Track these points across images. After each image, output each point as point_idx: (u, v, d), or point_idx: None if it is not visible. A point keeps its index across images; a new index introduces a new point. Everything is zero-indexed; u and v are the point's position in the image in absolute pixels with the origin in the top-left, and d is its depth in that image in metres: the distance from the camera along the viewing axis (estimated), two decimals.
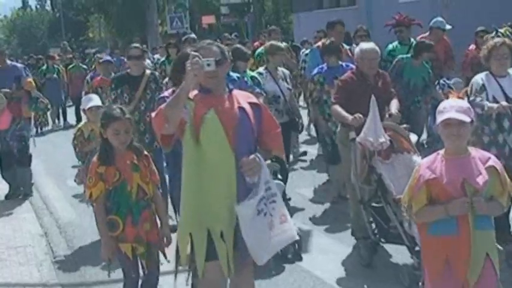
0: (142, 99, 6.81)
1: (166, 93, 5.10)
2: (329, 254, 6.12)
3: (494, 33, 9.18)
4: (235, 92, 4.05)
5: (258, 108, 4.02)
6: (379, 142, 5.29)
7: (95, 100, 6.59)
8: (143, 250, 4.38)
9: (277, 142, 4.12)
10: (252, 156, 3.84)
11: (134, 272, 4.43)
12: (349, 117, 5.70)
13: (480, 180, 3.47)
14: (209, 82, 3.86)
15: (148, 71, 7.14)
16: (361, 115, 5.54)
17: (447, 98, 8.09)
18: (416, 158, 5.31)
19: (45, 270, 6.03)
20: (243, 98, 4.00)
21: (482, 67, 5.95)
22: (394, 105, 6.02)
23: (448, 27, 9.63)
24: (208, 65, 3.68)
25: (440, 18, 9.81)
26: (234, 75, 6.50)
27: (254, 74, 7.39)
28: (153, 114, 3.82)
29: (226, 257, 3.83)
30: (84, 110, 6.60)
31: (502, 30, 9.04)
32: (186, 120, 3.78)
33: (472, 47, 10.58)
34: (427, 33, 9.59)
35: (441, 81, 8.69)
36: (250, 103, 3.99)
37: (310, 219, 7.23)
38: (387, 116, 5.85)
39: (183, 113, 3.73)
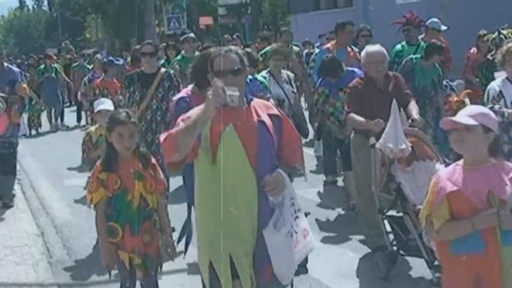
0: (154, 98, 6.68)
1: (183, 94, 4.68)
2: (327, 255, 6.07)
3: (496, 34, 9.16)
4: (254, 102, 3.69)
5: (278, 120, 3.70)
6: (400, 149, 5.00)
7: (106, 104, 6.48)
8: (140, 261, 4.31)
9: (299, 155, 3.83)
10: (275, 174, 3.56)
11: (129, 281, 4.39)
12: (369, 122, 5.37)
13: (507, 190, 3.15)
14: None
15: (163, 69, 6.99)
16: (381, 120, 5.21)
17: (448, 101, 8.00)
18: (440, 166, 4.96)
19: (41, 270, 5.99)
20: (262, 110, 3.66)
21: (487, 69, 5.85)
22: (414, 110, 5.68)
23: (443, 28, 9.51)
24: (232, 100, 3.31)
25: (435, 19, 9.69)
26: None
27: (261, 77, 7.17)
28: (161, 138, 3.46)
29: (250, 278, 3.58)
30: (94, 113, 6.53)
31: (504, 32, 8.99)
32: (200, 145, 3.46)
33: (474, 50, 10.54)
34: (423, 35, 9.56)
35: (444, 82, 8.54)
36: (270, 115, 3.66)
37: (308, 220, 7.19)
38: (409, 121, 5.55)
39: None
